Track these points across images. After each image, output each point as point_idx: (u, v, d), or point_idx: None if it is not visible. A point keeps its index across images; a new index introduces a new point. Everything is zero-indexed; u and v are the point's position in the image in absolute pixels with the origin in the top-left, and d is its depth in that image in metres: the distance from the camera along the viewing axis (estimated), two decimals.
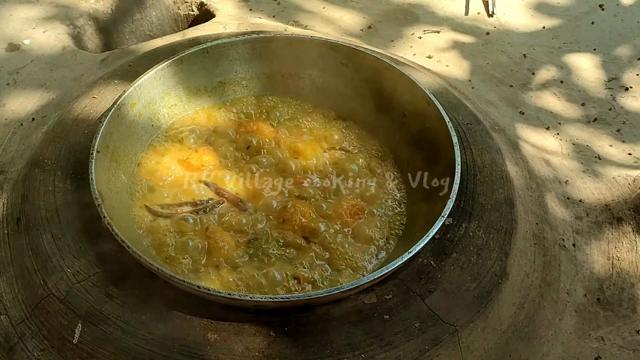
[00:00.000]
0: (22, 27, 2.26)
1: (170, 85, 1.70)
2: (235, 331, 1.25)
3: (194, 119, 1.77)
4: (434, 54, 2.44)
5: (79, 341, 1.26)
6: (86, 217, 1.43)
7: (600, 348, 1.51)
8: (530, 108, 2.21)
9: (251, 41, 1.77)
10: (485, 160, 1.64)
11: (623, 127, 2.15)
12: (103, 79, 1.81)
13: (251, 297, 1.20)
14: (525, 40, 2.55)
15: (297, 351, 1.22)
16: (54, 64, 2.12)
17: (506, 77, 2.35)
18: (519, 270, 1.49)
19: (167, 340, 1.23)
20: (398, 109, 1.70)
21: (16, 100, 1.99)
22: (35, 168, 1.54)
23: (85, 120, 1.66)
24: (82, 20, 2.34)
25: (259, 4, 2.60)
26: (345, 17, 2.60)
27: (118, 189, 1.50)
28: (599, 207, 1.79)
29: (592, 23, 2.65)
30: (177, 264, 1.42)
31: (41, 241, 1.39)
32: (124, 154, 1.56)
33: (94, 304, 1.28)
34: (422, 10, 2.68)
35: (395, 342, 1.26)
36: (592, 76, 2.38)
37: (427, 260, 1.41)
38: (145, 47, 2.07)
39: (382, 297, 1.33)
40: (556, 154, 2.00)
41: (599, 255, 1.68)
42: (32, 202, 1.47)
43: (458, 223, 1.49)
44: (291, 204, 1.53)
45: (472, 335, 1.33)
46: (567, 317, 1.55)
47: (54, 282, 1.33)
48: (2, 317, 1.39)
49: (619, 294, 1.61)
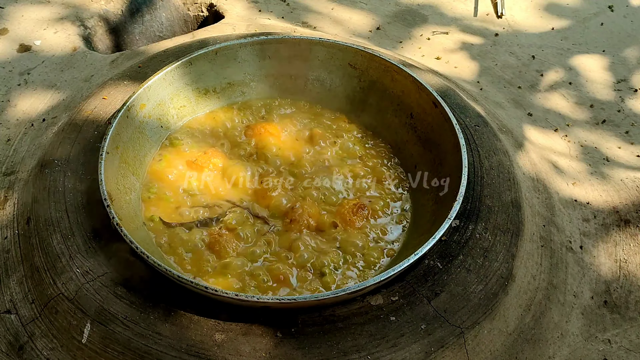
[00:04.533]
0: (33, 28, 2.28)
1: (180, 86, 1.71)
2: (242, 332, 1.26)
3: (203, 121, 1.78)
4: (442, 55, 2.44)
5: (87, 341, 1.27)
6: (95, 218, 1.44)
7: (607, 351, 1.51)
8: (538, 109, 2.21)
9: (260, 43, 1.78)
10: (493, 162, 1.64)
11: (632, 129, 2.15)
12: (113, 80, 1.82)
13: (258, 298, 1.20)
14: (534, 41, 2.55)
15: (304, 352, 1.23)
16: (65, 65, 2.14)
17: (514, 79, 2.35)
18: (526, 273, 1.49)
19: (175, 340, 1.24)
20: (406, 111, 1.71)
21: (27, 101, 2.01)
22: (46, 168, 1.55)
23: (95, 121, 1.68)
24: (93, 21, 2.35)
25: (268, 5, 2.61)
26: (354, 18, 2.60)
27: (127, 189, 1.51)
28: (607, 209, 1.78)
29: (601, 24, 2.65)
30: (185, 264, 1.43)
31: (51, 241, 1.41)
32: (133, 155, 1.57)
33: (103, 303, 1.29)
34: (430, 11, 2.68)
35: (401, 343, 1.26)
36: (601, 78, 2.38)
37: (434, 262, 1.41)
38: (155, 49, 2.08)
39: (389, 298, 1.33)
40: (564, 155, 2.00)
41: (606, 258, 1.67)
42: (42, 202, 1.48)
43: (465, 225, 1.49)
44: (299, 204, 1.54)
45: (478, 337, 1.33)
46: (573, 319, 1.55)
47: (64, 281, 1.34)
48: (12, 316, 1.40)
49: (626, 297, 1.60)
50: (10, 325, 1.40)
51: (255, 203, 1.57)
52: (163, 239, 1.47)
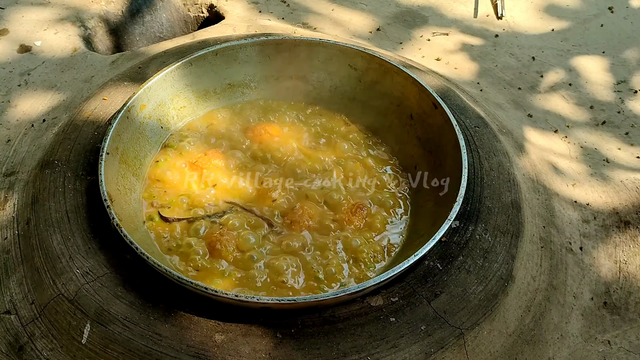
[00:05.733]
0: (33, 29, 2.28)
1: (180, 87, 1.72)
2: (242, 332, 1.26)
3: (203, 121, 1.78)
4: (442, 56, 2.45)
5: (87, 341, 1.27)
6: (95, 218, 1.44)
7: (606, 352, 1.51)
8: (538, 111, 2.21)
9: (260, 43, 1.78)
10: (493, 163, 1.64)
11: (632, 130, 2.15)
12: (113, 81, 1.82)
13: (258, 299, 1.20)
14: (534, 42, 2.55)
15: (303, 353, 1.23)
16: (65, 66, 2.14)
17: (514, 80, 2.35)
18: (526, 274, 1.49)
19: (175, 341, 1.24)
20: (406, 111, 1.71)
21: (27, 102, 2.01)
22: (46, 169, 1.55)
23: (95, 122, 1.68)
24: (93, 22, 2.35)
25: (268, 6, 2.61)
26: (354, 19, 2.60)
27: (127, 190, 1.51)
28: (607, 210, 1.78)
29: (601, 25, 2.65)
30: (185, 265, 1.43)
31: (51, 242, 1.41)
32: (134, 155, 1.58)
33: (103, 304, 1.29)
34: (431, 12, 2.68)
35: (401, 344, 1.26)
36: (601, 79, 2.38)
37: (434, 262, 1.41)
38: (155, 49, 2.08)
39: (389, 299, 1.33)
40: (564, 157, 2.00)
41: (606, 259, 1.67)
42: (43, 202, 1.48)
43: (465, 226, 1.49)
44: (299, 205, 1.54)
45: (478, 338, 1.33)
46: (573, 320, 1.55)
47: (64, 282, 1.34)
48: (12, 317, 1.40)
49: (626, 298, 1.60)
50: (10, 326, 1.40)
51: (255, 204, 1.57)
52: (163, 239, 1.47)
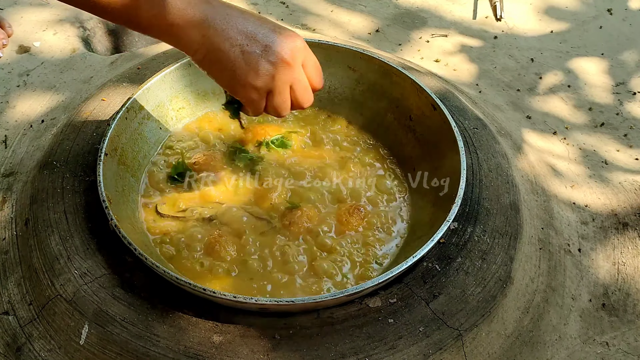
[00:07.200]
0: (32, 30, 2.28)
1: (179, 88, 1.71)
2: (240, 334, 1.26)
3: (202, 122, 1.78)
4: (441, 58, 2.45)
5: (85, 342, 1.27)
6: (94, 219, 1.44)
7: (604, 353, 1.51)
8: (537, 112, 2.21)
9: None
10: (491, 164, 1.65)
11: (630, 132, 2.15)
12: (112, 82, 1.82)
13: (256, 300, 1.20)
14: (533, 44, 2.56)
15: (302, 354, 1.23)
16: (64, 67, 2.14)
17: (513, 81, 2.36)
18: (524, 275, 1.49)
19: (173, 342, 1.24)
20: (405, 113, 1.70)
21: (26, 102, 2.01)
22: (44, 170, 1.55)
23: (93, 123, 1.68)
24: (92, 22, 2.35)
25: (267, 7, 2.62)
26: (353, 21, 2.61)
27: (126, 191, 1.51)
28: (605, 212, 1.78)
29: (600, 27, 2.65)
30: (183, 265, 1.43)
31: (49, 242, 1.41)
32: (132, 156, 1.57)
33: (101, 305, 1.29)
34: (429, 14, 2.69)
35: (399, 346, 1.26)
36: (600, 81, 2.38)
37: (432, 264, 1.41)
38: (154, 50, 2.08)
39: (387, 300, 1.33)
40: (563, 158, 2.01)
41: (605, 261, 1.68)
42: (41, 203, 1.48)
43: (463, 227, 1.49)
44: (298, 206, 1.54)
45: (476, 340, 1.34)
46: (571, 322, 1.55)
47: (62, 283, 1.34)
48: (10, 318, 1.40)
49: (624, 300, 1.60)
50: (8, 327, 1.39)
51: (255, 204, 1.57)
52: (161, 240, 1.47)
